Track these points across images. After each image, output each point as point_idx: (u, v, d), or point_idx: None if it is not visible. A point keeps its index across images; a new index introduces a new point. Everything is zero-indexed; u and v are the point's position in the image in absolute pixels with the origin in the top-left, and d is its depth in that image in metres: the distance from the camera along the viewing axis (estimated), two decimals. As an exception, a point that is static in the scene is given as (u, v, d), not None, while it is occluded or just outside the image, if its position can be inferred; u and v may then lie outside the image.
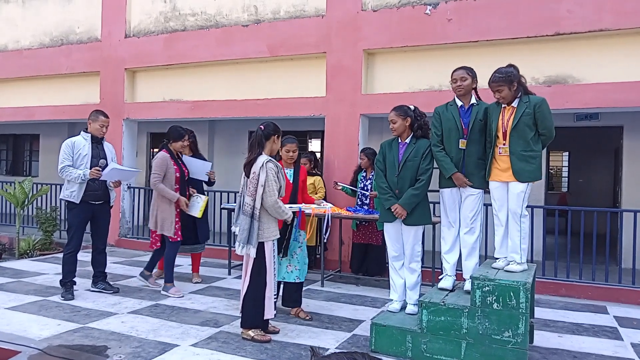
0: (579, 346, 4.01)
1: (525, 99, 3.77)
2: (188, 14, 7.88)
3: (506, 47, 5.99)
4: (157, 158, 5.21)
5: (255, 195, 3.82)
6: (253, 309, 3.89)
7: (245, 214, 3.86)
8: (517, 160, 3.73)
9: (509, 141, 3.75)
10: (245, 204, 3.88)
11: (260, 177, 3.79)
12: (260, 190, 3.80)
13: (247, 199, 3.86)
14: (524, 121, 3.72)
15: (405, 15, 6.36)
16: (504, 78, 3.74)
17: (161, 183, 5.10)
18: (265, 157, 3.90)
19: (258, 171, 3.82)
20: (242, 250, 3.86)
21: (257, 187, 3.80)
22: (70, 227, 5.05)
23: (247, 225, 3.82)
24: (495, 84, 3.76)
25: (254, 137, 4.03)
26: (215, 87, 7.74)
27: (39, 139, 11.94)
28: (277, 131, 4.10)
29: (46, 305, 4.73)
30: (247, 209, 3.85)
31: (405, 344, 3.69)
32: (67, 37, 8.94)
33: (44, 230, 7.79)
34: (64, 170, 4.93)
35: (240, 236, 3.87)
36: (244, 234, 3.84)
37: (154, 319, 4.39)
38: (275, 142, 4.08)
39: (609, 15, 5.45)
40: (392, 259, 4.26)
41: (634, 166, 7.31)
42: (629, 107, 5.67)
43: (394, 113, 4.14)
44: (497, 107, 3.89)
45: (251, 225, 3.81)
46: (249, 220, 3.82)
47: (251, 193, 3.84)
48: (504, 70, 3.78)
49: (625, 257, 6.18)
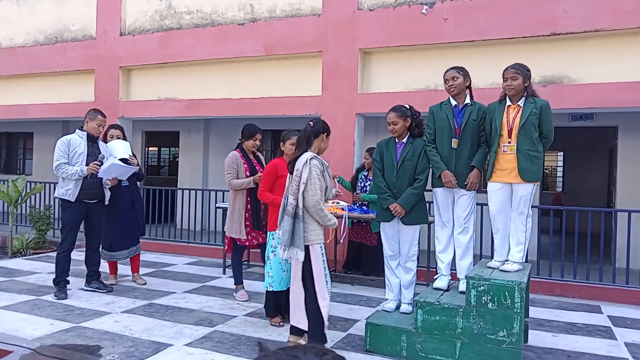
0: (573, 345, 4.01)
1: (531, 100, 3.78)
2: (184, 12, 7.85)
3: (502, 47, 5.99)
4: (227, 158, 4.99)
5: (297, 194, 3.56)
6: (314, 319, 3.59)
7: (288, 215, 3.59)
8: (523, 158, 3.72)
9: (517, 139, 3.74)
10: (288, 203, 3.63)
11: (303, 175, 3.55)
12: (302, 188, 3.55)
13: (290, 199, 3.61)
14: (531, 120, 3.72)
15: (402, 15, 6.35)
16: (523, 69, 3.79)
17: (235, 179, 4.87)
18: (310, 153, 3.64)
19: (301, 168, 3.57)
20: (285, 253, 3.58)
21: (299, 185, 3.56)
22: (65, 226, 5.02)
23: (289, 226, 3.55)
24: (514, 70, 3.78)
25: (302, 133, 3.76)
26: (211, 86, 7.72)
27: (32, 137, 11.87)
28: (327, 129, 3.83)
29: (39, 305, 4.69)
30: (289, 208, 3.59)
31: (400, 344, 3.68)
32: (62, 35, 8.88)
33: (38, 229, 7.74)
34: (60, 167, 4.88)
35: (282, 238, 3.61)
36: (285, 236, 3.56)
37: (148, 319, 4.37)
38: (324, 141, 3.81)
39: (607, 16, 5.46)
40: (388, 258, 4.25)
41: (629, 166, 7.34)
42: (624, 108, 5.69)
43: (395, 114, 4.12)
44: (500, 106, 3.88)
45: (294, 226, 3.54)
46: (292, 221, 3.55)
47: (294, 192, 3.59)
48: (524, 65, 3.85)
49: (619, 257, 6.20)
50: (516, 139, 3.74)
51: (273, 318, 4.31)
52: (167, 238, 7.94)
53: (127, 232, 5.46)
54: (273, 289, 4.19)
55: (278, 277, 4.18)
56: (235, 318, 4.47)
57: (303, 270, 3.62)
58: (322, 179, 3.60)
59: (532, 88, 3.85)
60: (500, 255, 3.94)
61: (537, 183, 3.84)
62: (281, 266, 4.17)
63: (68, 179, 4.90)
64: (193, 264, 6.88)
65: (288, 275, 4.16)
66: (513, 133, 3.76)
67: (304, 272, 3.62)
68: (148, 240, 7.31)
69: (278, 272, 4.18)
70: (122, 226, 5.41)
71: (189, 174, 10.16)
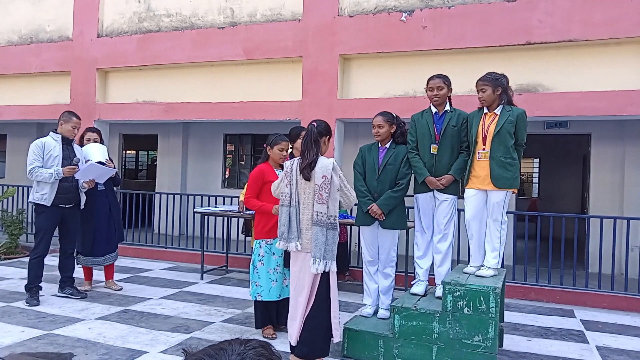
0: (547, 350, 4.08)
1: (508, 108, 3.84)
2: (163, 14, 7.78)
3: (479, 55, 6.09)
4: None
5: (328, 201, 3.36)
6: (321, 334, 3.44)
7: (319, 225, 3.34)
8: (496, 165, 3.78)
9: (490, 146, 3.80)
10: (316, 213, 3.36)
11: (334, 181, 3.40)
12: (337, 195, 3.41)
13: (319, 207, 3.36)
14: (506, 128, 3.78)
15: (381, 22, 6.41)
16: (490, 80, 3.85)
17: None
18: (329, 159, 3.49)
19: (330, 175, 3.40)
20: (322, 267, 3.33)
21: (330, 192, 3.37)
22: (39, 231, 4.89)
23: (324, 237, 3.33)
24: (482, 82, 3.88)
25: (307, 135, 3.53)
26: (190, 89, 7.65)
27: (5, 140, 11.59)
28: (329, 132, 3.68)
29: (9, 312, 4.57)
30: (321, 218, 3.34)
31: (378, 349, 3.69)
32: (37, 35, 8.71)
33: (10, 234, 7.54)
34: (34, 170, 4.75)
35: (317, 252, 3.34)
36: (321, 249, 3.32)
37: (123, 325, 4.29)
38: (326, 144, 3.66)
39: (578, 26, 5.60)
40: (367, 264, 4.26)
41: (601, 173, 7.52)
42: (596, 116, 5.84)
43: (382, 118, 4.15)
44: (478, 114, 3.95)
45: (328, 237, 3.35)
46: (325, 231, 3.34)
47: (324, 200, 3.36)
48: (494, 74, 3.90)
49: (592, 262, 6.34)
50: (490, 146, 3.80)
51: (264, 330, 4.17)
52: (144, 243, 7.82)
53: (104, 238, 5.35)
54: (262, 298, 4.09)
55: (267, 287, 4.09)
56: (212, 324, 4.42)
57: (321, 282, 3.41)
58: None
59: (509, 95, 3.90)
60: (475, 260, 3.99)
61: (514, 190, 3.89)
62: (269, 275, 4.10)
63: (43, 183, 4.78)
64: (170, 270, 6.79)
65: (278, 284, 4.12)
66: (487, 140, 3.82)
67: (320, 286, 3.42)
68: (124, 245, 7.18)
69: (267, 282, 4.09)
70: (99, 232, 5.31)
71: (168, 178, 10.04)
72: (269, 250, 4.13)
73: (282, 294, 4.14)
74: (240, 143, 9.96)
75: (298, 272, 3.52)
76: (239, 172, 9.86)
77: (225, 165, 9.88)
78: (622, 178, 7.31)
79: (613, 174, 7.41)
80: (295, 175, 3.51)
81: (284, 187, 3.57)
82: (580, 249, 6.67)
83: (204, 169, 9.84)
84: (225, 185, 9.76)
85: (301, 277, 3.49)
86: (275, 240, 4.10)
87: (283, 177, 3.63)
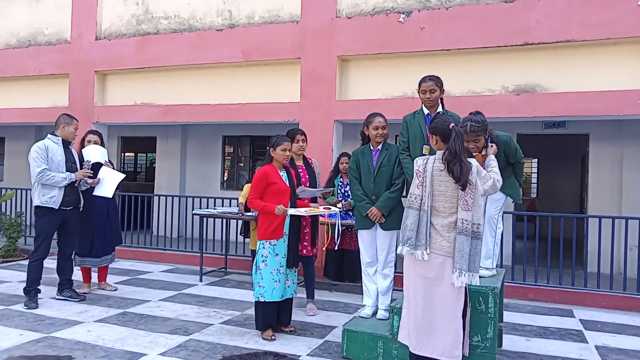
0: (546, 349, 4.08)
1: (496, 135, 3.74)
2: (161, 17, 7.78)
3: (477, 56, 6.11)
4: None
5: (473, 207, 3.00)
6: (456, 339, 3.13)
7: (464, 234, 2.98)
8: None
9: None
10: (462, 220, 2.99)
11: (478, 185, 3.05)
12: (482, 200, 3.09)
13: (465, 214, 2.99)
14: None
15: (379, 23, 6.42)
16: (481, 128, 3.52)
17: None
18: (471, 161, 3.12)
19: (475, 180, 3.04)
20: (467, 279, 2.99)
21: (474, 197, 3.01)
22: (40, 234, 4.88)
23: (468, 247, 2.97)
24: (474, 134, 3.50)
25: (453, 136, 3.04)
26: (188, 92, 7.65)
27: (4, 143, 11.57)
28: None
29: (8, 315, 4.56)
30: (466, 226, 2.98)
31: (377, 350, 3.69)
32: (35, 38, 8.71)
33: (8, 237, 7.52)
34: (44, 173, 4.73)
35: (463, 264, 2.97)
36: (466, 260, 2.97)
37: (122, 328, 4.29)
38: None
39: (575, 27, 5.62)
40: (366, 265, 4.27)
41: (599, 173, 7.53)
42: (594, 116, 5.85)
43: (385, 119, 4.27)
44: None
45: (473, 247, 2.99)
46: (470, 241, 2.97)
47: (470, 206, 3.00)
48: (479, 119, 3.55)
49: (591, 262, 6.34)
50: None
51: (264, 332, 4.14)
52: (143, 245, 7.81)
53: (102, 239, 5.36)
54: (265, 299, 4.07)
55: (270, 288, 4.08)
56: (211, 326, 4.42)
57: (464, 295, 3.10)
58: None
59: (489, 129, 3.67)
60: None
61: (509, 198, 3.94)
62: (273, 276, 4.09)
63: (50, 186, 4.78)
64: (169, 272, 6.78)
65: (280, 285, 4.11)
66: None
67: (466, 299, 3.12)
68: (123, 247, 7.18)
69: (270, 282, 4.08)
70: (97, 233, 5.31)
71: (166, 180, 10.03)
72: (272, 251, 4.12)
73: (284, 295, 4.15)
74: (239, 145, 9.96)
75: (433, 279, 3.06)
76: (237, 173, 9.86)
77: (224, 167, 9.88)
78: (621, 178, 7.32)
79: (611, 174, 7.42)
80: (430, 177, 3.09)
81: (414, 188, 3.15)
82: (579, 248, 6.67)
83: (203, 171, 9.84)
84: (224, 187, 9.75)
85: (445, 292, 3.07)
86: (278, 240, 4.11)
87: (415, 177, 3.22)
